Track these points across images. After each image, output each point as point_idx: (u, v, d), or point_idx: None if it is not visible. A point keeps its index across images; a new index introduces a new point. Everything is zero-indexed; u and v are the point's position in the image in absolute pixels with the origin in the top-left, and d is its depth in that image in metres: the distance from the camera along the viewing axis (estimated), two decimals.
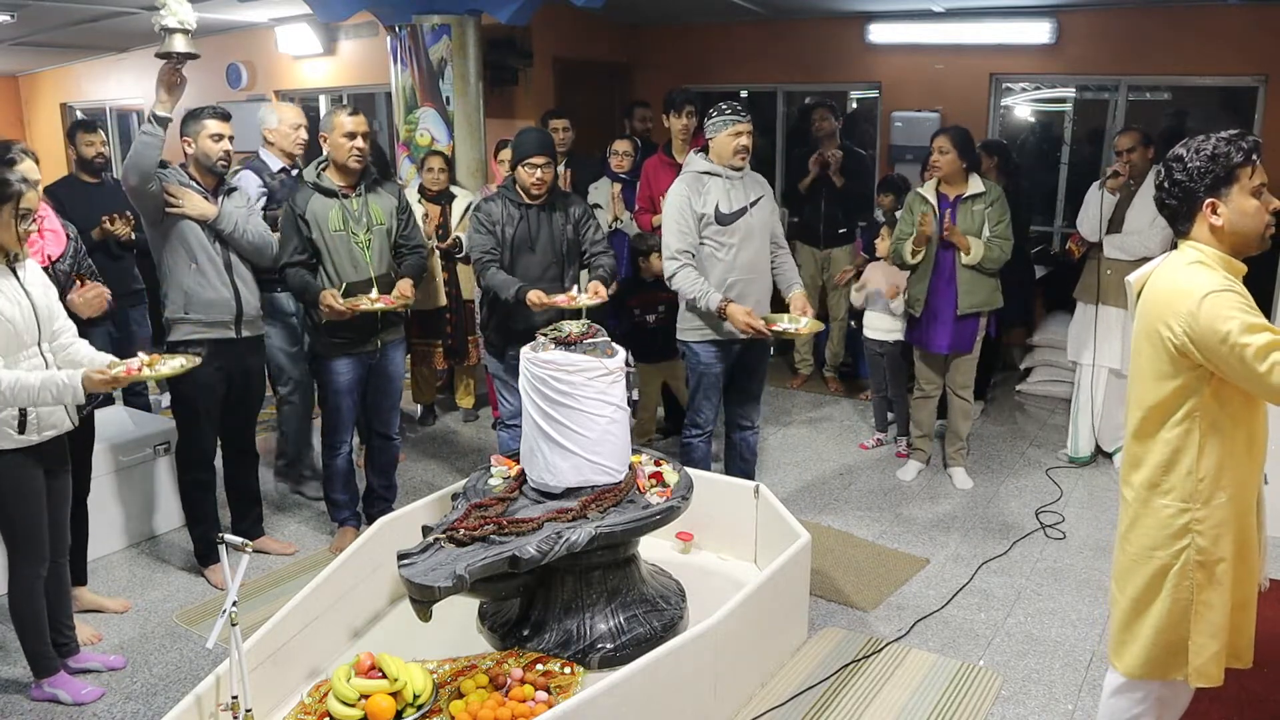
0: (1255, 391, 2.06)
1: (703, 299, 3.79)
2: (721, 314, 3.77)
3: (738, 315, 3.75)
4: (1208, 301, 2.03)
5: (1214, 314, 2.02)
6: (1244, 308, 2.03)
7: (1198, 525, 2.17)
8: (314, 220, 3.73)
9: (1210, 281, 2.07)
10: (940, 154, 4.44)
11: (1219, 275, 2.10)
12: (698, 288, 3.80)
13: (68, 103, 10.80)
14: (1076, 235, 4.93)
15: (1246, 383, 2.04)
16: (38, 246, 3.16)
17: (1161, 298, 2.16)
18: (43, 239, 3.20)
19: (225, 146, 3.60)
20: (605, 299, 3.81)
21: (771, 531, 3.62)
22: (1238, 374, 2.04)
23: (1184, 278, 2.12)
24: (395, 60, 5.80)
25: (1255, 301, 2.17)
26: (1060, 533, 4.29)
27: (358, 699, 2.67)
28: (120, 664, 3.29)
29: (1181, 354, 2.10)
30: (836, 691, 3.14)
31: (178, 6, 3.19)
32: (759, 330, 3.75)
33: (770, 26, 7.21)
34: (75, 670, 3.19)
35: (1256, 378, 2.00)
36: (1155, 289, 2.20)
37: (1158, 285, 2.20)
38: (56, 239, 3.26)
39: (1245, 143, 2.11)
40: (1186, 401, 2.14)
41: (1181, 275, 2.14)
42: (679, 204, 3.85)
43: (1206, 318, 2.03)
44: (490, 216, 3.95)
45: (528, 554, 2.76)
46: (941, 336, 4.60)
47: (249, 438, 3.99)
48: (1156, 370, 2.16)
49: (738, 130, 3.81)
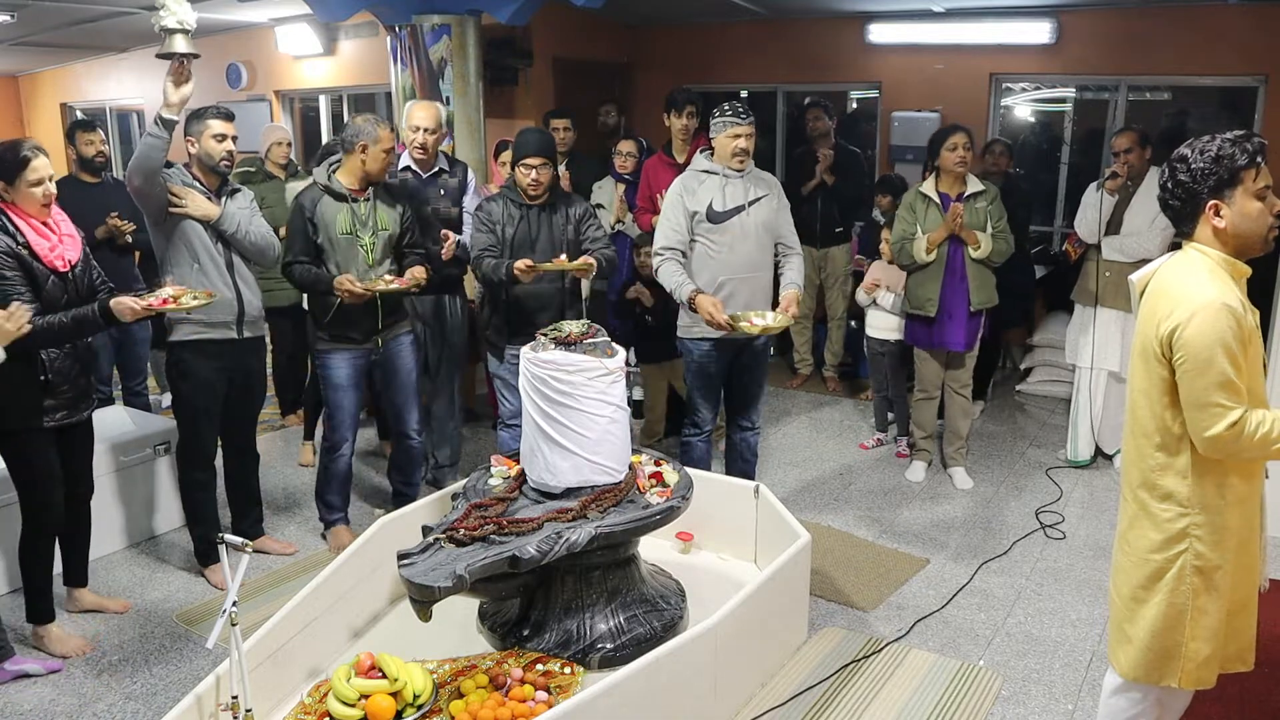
0: (1191, 429, 2.10)
1: (677, 290, 3.80)
2: (691, 304, 3.76)
3: (704, 305, 3.70)
4: (1198, 319, 2.04)
5: (1199, 340, 2.04)
6: (1229, 345, 2.03)
7: (1196, 530, 2.16)
8: (321, 222, 3.80)
9: (1208, 292, 2.06)
10: (965, 150, 4.45)
11: (1219, 282, 2.09)
12: (675, 279, 3.81)
13: (68, 103, 10.80)
14: (1074, 236, 4.93)
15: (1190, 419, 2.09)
16: (58, 251, 3.17)
17: (1161, 298, 2.15)
18: (62, 243, 3.20)
19: (228, 146, 3.61)
20: (593, 268, 3.85)
21: (771, 531, 3.62)
22: (1188, 406, 2.08)
23: (1184, 280, 2.12)
24: (395, 60, 5.79)
25: (1255, 302, 2.17)
26: (1060, 533, 4.29)
27: (358, 699, 2.68)
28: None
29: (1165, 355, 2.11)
30: (836, 691, 3.14)
31: (177, 7, 3.18)
32: (720, 324, 3.68)
33: (770, 26, 7.21)
34: (11, 674, 3.21)
35: (1202, 428, 2.06)
36: (1156, 289, 2.20)
37: (1159, 286, 2.20)
38: (74, 243, 3.26)
39: (1250, 144, 2.10)
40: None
41: (1181, 277, 2.13)
42: (673, 201, 3.88)
43: (1193, 333, 2.04)
44: (491, 216, 3.96)
45: (528, 554, 2.76)
46: (957, 334, 4.59)
47: (250, 437, 4.00)
48: (1155, 370, 2.16)
49: (736, 133, 3.81)
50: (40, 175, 3.09)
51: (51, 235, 3.18)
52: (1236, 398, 2.04)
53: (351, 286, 3.73)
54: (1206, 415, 2.05)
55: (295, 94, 8.71)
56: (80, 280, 3.26)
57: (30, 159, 3.07)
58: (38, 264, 3.11)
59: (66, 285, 3.19)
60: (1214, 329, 2.03)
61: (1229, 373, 2.03)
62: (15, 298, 2.98)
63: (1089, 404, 4.91)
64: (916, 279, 4.64)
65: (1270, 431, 2.04)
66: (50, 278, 3.14)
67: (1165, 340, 2.10)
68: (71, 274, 3.22)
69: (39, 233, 3.13)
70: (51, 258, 3.15)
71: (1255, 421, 2.04)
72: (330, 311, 3.86)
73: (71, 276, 3.22)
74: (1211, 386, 2.04)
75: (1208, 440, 2.07)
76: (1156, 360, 2.14)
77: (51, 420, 3.21)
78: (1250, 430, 2.04)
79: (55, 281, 3.15)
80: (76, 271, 3.24)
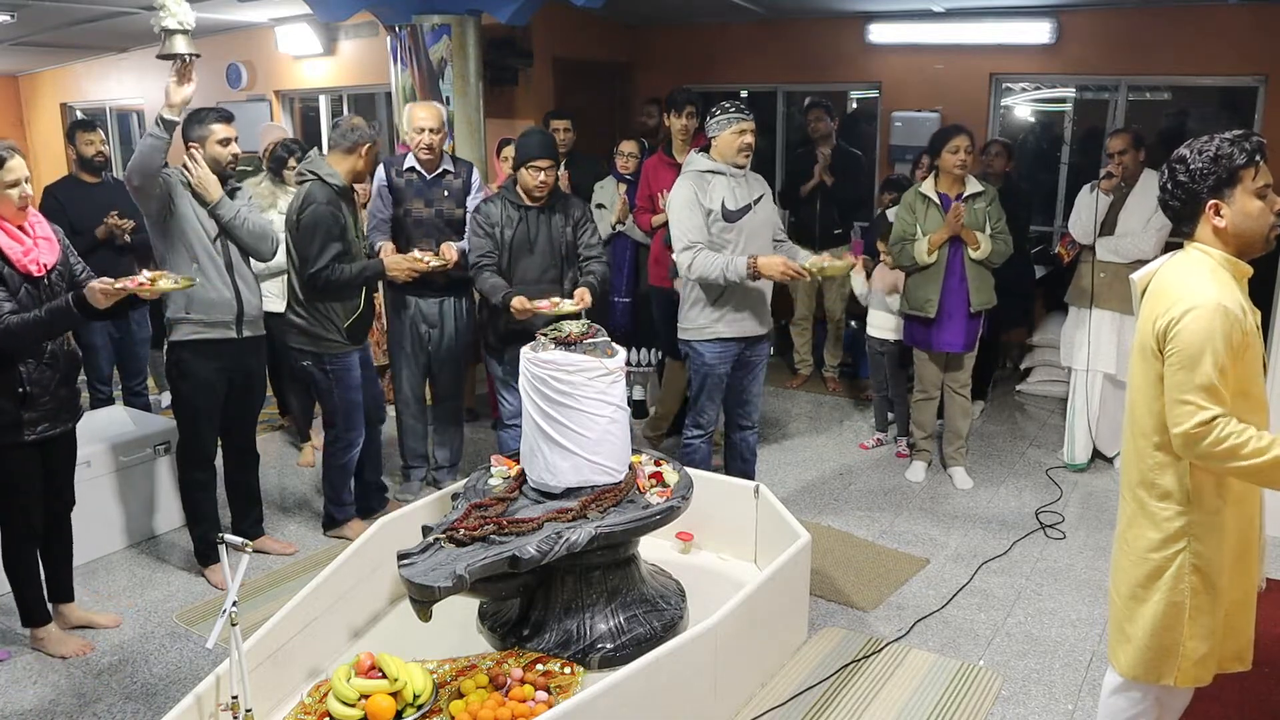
0: (1169, 423, 2.10)
1: (730, 269, 3.73)
2: (754, 271, 3.72)
3: (773, 264, 3.71)
4: (1194, 315, 2.04)
5: (1192, 338, 2.03)
6: (1218, 349, 2.02)
7: (1194, 529, 2.16)
8: (345, 224, 3.86)
9: (1208, 291, 2.06)
10: (966, 153, 4.45)
11: (1220, 283, 2.09)
12: (719, 261, 3.75)
13: (68, 103, 10.79)
14: (1066, 238, 4.94)
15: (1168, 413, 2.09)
16: (32, 255, 3.05)
17: (1161, 298, 2.15)
18: (36, 246, 3.09)
19: (234, 150, 3.62)
20: (589, 305, 3.82)
21: (771, 531, 3.62)
22: (1168, 400, 2.08)
23: (1183, 280, 2.12)
24: (395, 60, 5.79)
25: (1255, 302, 2.17)
26: (1060, 533, 4.29)
27: (358, 699, 2.68)
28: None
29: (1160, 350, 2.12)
30: (836, 691, 3.14)
31: (176, 7, 3.18)
32: (797, 272, 3.72)
33: (770, 26, 7.21)
34: None
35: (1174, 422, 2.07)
36: (1157, 289, 2.20)
37: (1160, 285, 2.19)
38: (50, 247, 3.13)
39: (1249, 143, 2.09)
40: None
41: (1181, 277, 2.13)
42: (687, 198, 3.81)
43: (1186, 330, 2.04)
44: (489, 219, 3.96)
45: (528, 554, 2.76)
46: (956, 335, 4.60)
47: (249, 437, 3.99)
48: (1153, 369, 2.16)
49: (742, 129, 3.80)
50: (16, 176, 2.97)
51: (26, 239, 3.04)
52: (1215, 401, 2.03)
53: (404, 261, 3.97)
54: (1181, 411, 2.05)
55: (295, 94, 8.71)
56: (56, 286, 3.11)
57: (5, 159, 2.95)
58: (8, 268, 2.98)
59: (40, 291, 3.06)
60: (1208, 329, 2.03)
61: (1212, 376, 2.03)
62: None
63: (1085, 407, 4.91)
64: (916, 280, 4.63)
65: (1240, 444, 2.00)
66: (23, 284, 3.01)
67: (1160, 334, 2.10)
68: (47, 279, 3.08)
69: (12, 236, 3.00)
70: (25, 262, 3.01)
71: (1229, 430, 2.01)
72: (355, 314, 3.94)
73: (47, 282, 3.08)
74: (1192, 385, 2.04)
75: (1178, 436, 2.07)
76: (1154, 357, 2.14)
77: (33, 433, 3.11)
78: (1220, 434, 2.01)
79: (28, 288, 3.03)
80: (52, 277, 3.11)
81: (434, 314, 4.45)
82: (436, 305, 4.44)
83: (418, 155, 4.33)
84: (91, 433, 4.16)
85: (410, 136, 4.33)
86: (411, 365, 4.52)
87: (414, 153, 4.34)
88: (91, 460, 3.99)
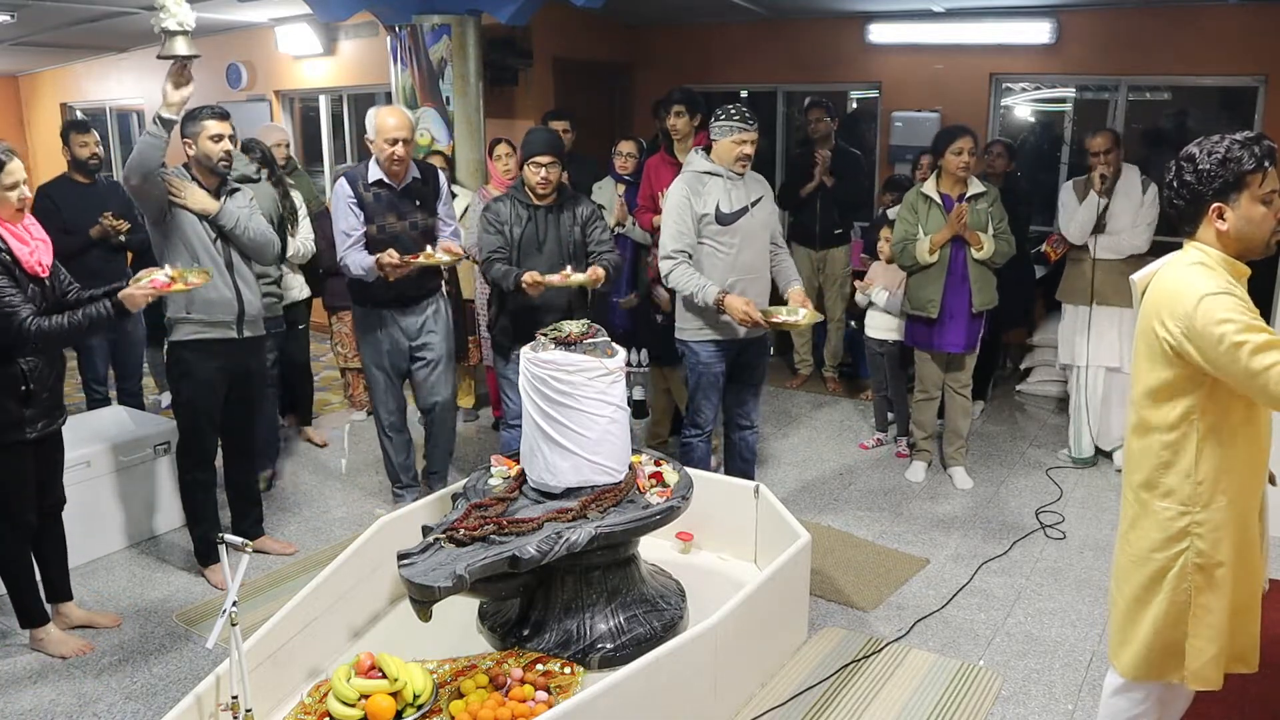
0: (1252, 394, 2.02)
1: (700, 293, 3.78)
2: (719, 306, 3.76)
3: (736, 306, 3.73)
4: (1205, 303, 2.01)
5: (1211, 316, 1.99)
6: (1242, 310, 2.00)
7: (1197, 528, 2.16)
8: None
9: (1209, 284, 2.05)
10: (970, 154, 4.45)
11: (1220, 278, 2.08)
12: (694, 282, 3.79)
13: (68, 103, 10.79)
14: (1053, 237, 4.96)
15: (1243, 385, 2.00)
16: (36, 256, 3.07)
17: (1162, 297, 2.14)
18: (37, 248, 3.10)
19: (226, 146, 3.60)
20: (600, 280, 3.85)
21: (771, 531, 3.62)
22: (1234, 376, 2.00)
23: (1184, 278, 2.11)
24: (395, 60, 5.80)
25: (1256, 304, 2.16)
26: (1060, 533, 4.29)
27: (358, 699, 2.68)
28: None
29: (1177, 354, 2.08)
30: (836, 691, 3.14)
31: (176, 8, 3.18)
32: (757, 320, 3.73)
33: (770, 26, 7.21)
34: None
35: (1251, 377, 1.96)
36: (1157, 288, 2.19)
37: (1159, 284, 2.18)
38: (47, 248, 3.16)
39: (1259, 148, 2.06)
40: (1183, 403, 2.13)
41: (1182, 275, 2.12)
42: (679, 203, 3.84)
43: (1203, 319, 2.00)
44: (499, 217, 3.96)
45: (528, 554, 2.76)
46: (958, 335, 4.60)
47: (249, 438, 3.99)
48: (1154, 370, 2.16)
49: (742, 139, 3.80)
50: (15, 179, 2.98)
51: (29, 240, 3.08)
52: (1266, 331, 1.95)
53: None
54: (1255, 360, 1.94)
55: (295, 94, 8.70)
56: (56, 286, 3.17)
57: (4, 162, 2.96)
58: (20, 270, 3.02)
59: (45, 290, 3.12)
60: (1221, 305, 1.99)
61: (1248, 318, 1.96)
62: (13, 308, 2.92)
63: (1086, 401, 4.92)
64: (918, 280, 4.63)
65: None
66: (30, 284, 3.05)
67: (1179, 336, 2.05)
68: (50, 279, 3.15)
69: (18, 238, 3.04)
70: (31, 263, 3.05)
71: None
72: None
73: (49, 281, 3.15)
74: (1236, 331, 1.95)
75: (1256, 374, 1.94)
76: (1162, 361, 2.12)
77: (34, 431, 3.13)
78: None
79: (34, 288, 3.07)
80: (51, 276, 3.16)
81: (414, 326, 4.17)
82: (416, 318, 4.17)
83: (388, 167, 3.95)
84: (91, 433, 4.16)
85: (381, 148, 3.92)
86: (392, 384, 4.23)
87: (381, 164, 3.96)
88: (91, 460, 3.99)
